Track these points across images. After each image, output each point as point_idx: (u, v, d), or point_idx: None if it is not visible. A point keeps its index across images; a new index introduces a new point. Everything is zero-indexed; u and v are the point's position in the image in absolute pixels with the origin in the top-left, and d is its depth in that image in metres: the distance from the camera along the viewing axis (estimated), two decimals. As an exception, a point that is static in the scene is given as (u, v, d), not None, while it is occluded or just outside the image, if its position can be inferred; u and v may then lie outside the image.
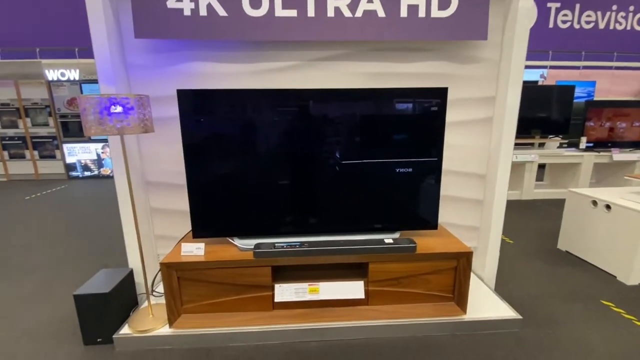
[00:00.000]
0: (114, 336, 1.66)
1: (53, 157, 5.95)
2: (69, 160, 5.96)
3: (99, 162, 6.02)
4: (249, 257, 1.65)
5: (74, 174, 6.03)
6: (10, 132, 5.84)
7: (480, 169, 2.10)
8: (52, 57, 6.12)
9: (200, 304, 1.71)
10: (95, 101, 1.44)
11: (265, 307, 1.72)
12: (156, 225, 2.10)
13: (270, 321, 1.68)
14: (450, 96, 1.89)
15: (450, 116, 1.96)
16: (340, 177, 1.73)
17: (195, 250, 1.66)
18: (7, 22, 6.10)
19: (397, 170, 1.73)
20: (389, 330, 1.69)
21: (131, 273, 1.88)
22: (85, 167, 6.02)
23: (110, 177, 6.02)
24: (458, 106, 2.00)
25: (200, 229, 1.74)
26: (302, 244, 1.68)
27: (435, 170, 1.76)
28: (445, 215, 2.15)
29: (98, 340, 1.69)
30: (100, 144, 5.94)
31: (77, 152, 5.95)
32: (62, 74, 5.79)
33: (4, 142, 5.85)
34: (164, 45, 1.83)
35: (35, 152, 5.91)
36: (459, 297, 1.74)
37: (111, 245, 2.99)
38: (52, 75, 5.79)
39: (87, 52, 6.22)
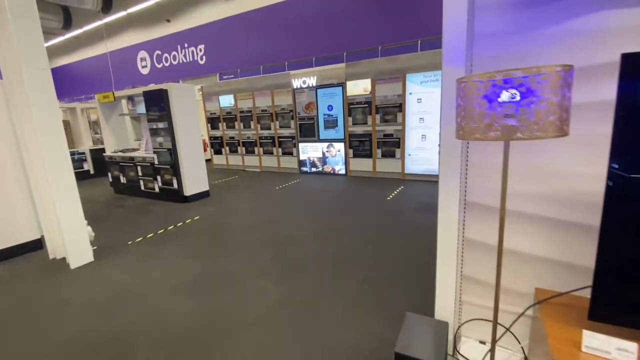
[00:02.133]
0: None
1: (290, 154, 6.97)
2: (301, 157, 6.81)
3: (323, 160, 6.57)
4: None
5: (303, 169, 6.85)
6: (265, 132, 7.24)
7: None
8: (296, 68, 7.20)
9: None
10: (486, 83, 0.91)
11: None
12: (464, 261, 1.52)
13: None
14: None
15: None
16: None
17: (616, 352, 0.91)
18: (265, 47, 7.63)
19: None
20: None
21: (446, 327, 1.37)
22: (312, 164, 6.72)
23: (329, 174, 6.45)
24: None
25: (611, 306, 0.97)
26: None
27: None
28: None
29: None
30: (326, 144, 6.44)
31: (308, 151, 6.70)
32: (304, 82, 6.61)
33: (260, 140, 7.34)
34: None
35: (280, 150, 7.09)
36: None
37: (365, 252, 2.77)
38: (296, 83, 6.71)
39: (321, 61, 6.94)
